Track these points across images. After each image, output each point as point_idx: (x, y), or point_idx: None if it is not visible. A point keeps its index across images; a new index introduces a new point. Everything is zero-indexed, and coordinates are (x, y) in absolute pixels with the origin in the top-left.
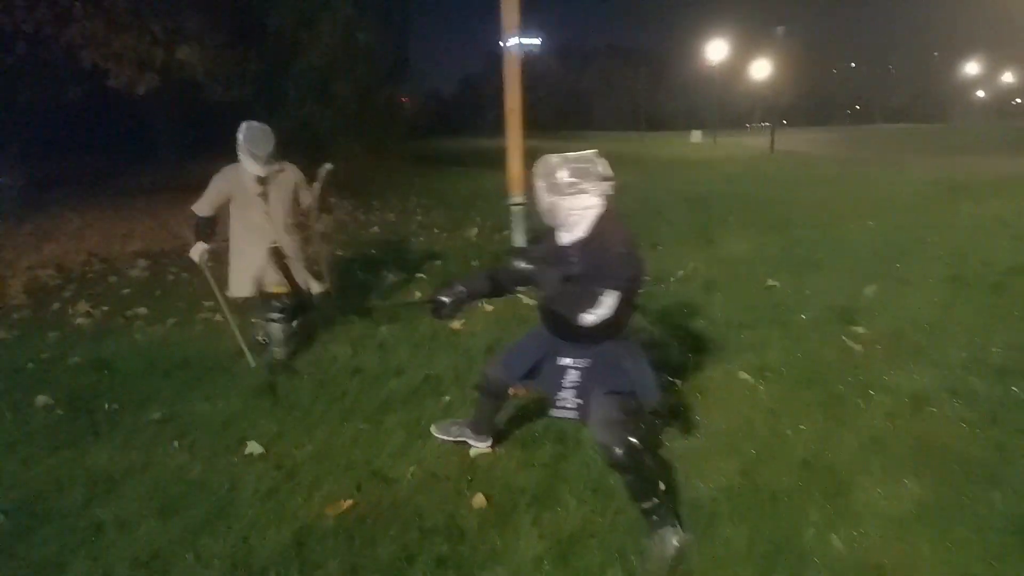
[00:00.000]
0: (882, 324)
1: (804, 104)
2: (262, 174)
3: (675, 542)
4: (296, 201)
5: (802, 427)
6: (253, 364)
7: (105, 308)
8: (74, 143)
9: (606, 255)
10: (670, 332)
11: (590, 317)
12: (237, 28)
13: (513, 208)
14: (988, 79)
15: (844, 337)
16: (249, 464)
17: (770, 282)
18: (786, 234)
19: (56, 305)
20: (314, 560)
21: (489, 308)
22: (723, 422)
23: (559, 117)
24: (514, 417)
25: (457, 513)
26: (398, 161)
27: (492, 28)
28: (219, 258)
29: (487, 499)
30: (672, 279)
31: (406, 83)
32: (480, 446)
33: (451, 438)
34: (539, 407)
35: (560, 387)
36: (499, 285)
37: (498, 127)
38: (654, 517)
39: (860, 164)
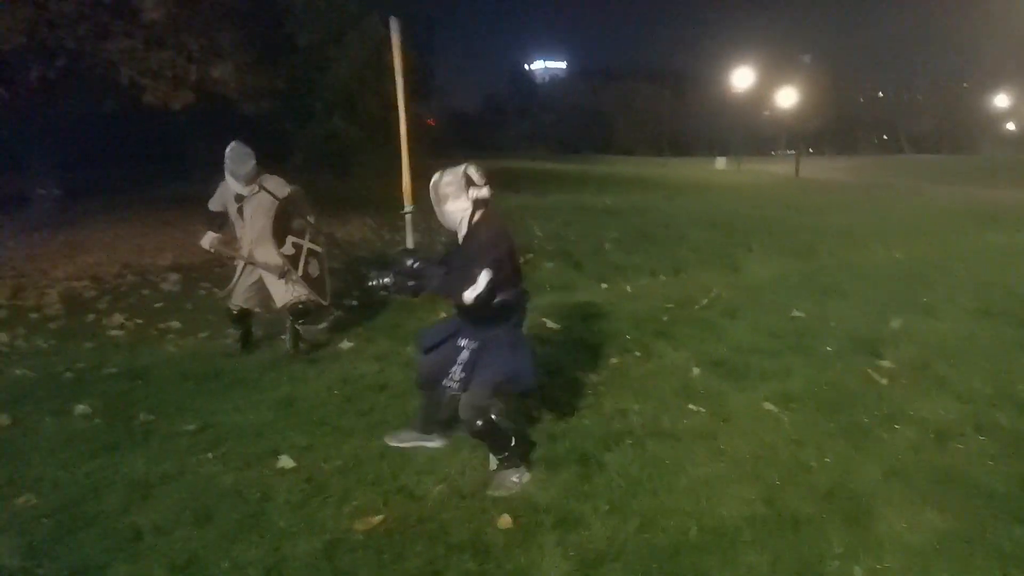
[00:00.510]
0: (907, 355)
1: (830, 132)
2: (242, 192)
3: (515, 479)
4: (278, 219)
5: (825, 457)
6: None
7: (139, 320)
8: (107, 155)
9: (479, 242)
10: (694, 358)
11: (469, 293)
12: (268, 44)
13: (406, 216)
14: (1018, 111)
15: (868, 368)
16: (280, 476)
17: (795, 311)
18: (811, 261)
19: (91, 316)
20: (344, 571)
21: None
22: (747, 449)
23: (582, 139)
24: (538, 439)
25: (483, 531)
26: (423, 178)
27: (516, 49)
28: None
29: (512, 518)
30: (696, 306)
31: (431, 100)
32: (431, 445)
33: (405, 444)
34: (564, 430)
35: (452, 363)
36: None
37: (521, 146)
38: (504, 463)
39: (886, 193)
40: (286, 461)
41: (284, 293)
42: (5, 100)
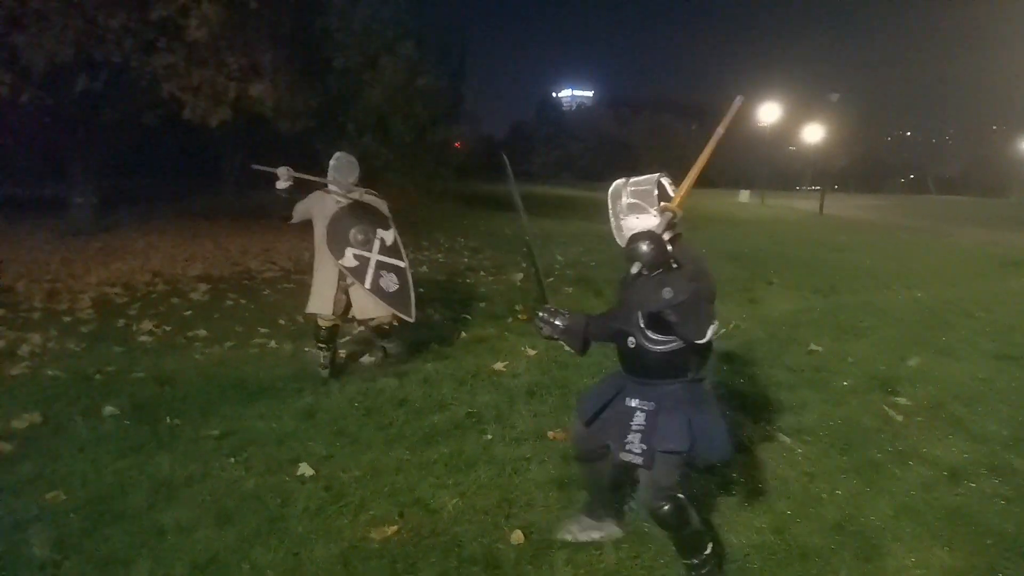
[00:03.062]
0: (923, 395)
1: (856, 170)
2: (341, 201)
3: None
4: (331, 229)
5: (837, 491)
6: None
7: (167, 328)
8: (144, 166)
9: (687, 271)
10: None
11: (711, 331)
12: (306, 65)
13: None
14: None
15: (884, 406)
16: (300, 483)
17: (813, 346)
18: (831, 298)
19: (121, 322)
20: None
21: (532, 352)
22: (759, 480)
23: (607, 168)
24: (552, 459)
25: (495, 546)
26: (448, 201)
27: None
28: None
29: (524, 535)
30: (714, 337)
31: (460, 126)
32: (603, 535)
33: (582, 537)
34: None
35: (629, 429)
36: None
37: (547, 173)
38: (696, 571)
39: (910, 232)
40: (306, 469)
41: (368, 307)
42: (51, 109)
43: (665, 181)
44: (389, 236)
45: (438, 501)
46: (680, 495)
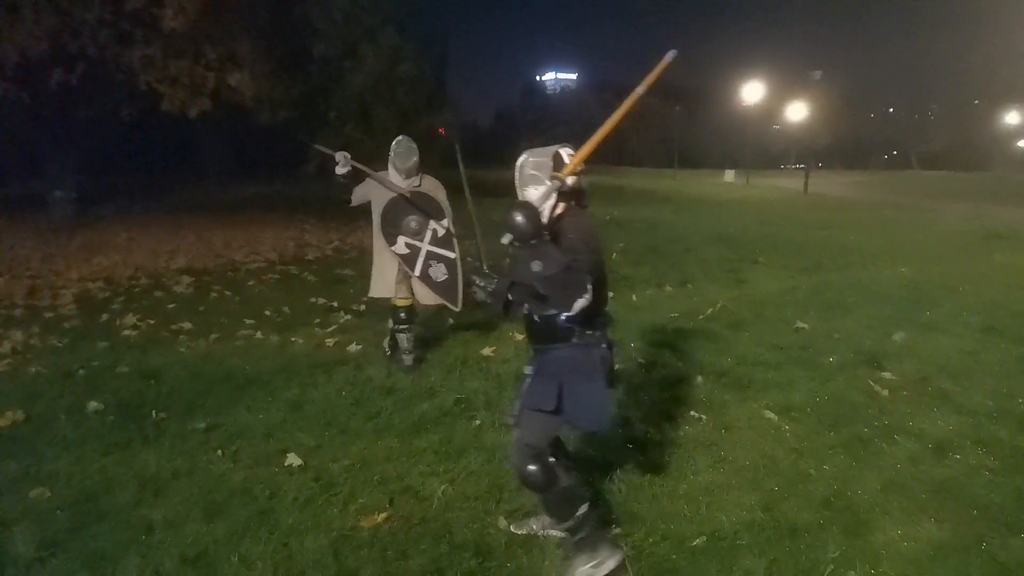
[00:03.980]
0: (910, 370)
1: (840, 147)
2: (401, 186)
3: (588, 568)
4: (385, 216)
5: (825, 466)
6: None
7: (151, 321)
8: (124, 160)
9: (567, 240)
10: (697, 368)
11: (582, 302)
12: (285, 55)
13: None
14: None
15: (871, 381)
16: (288, 474)
17: (799, 323)
18: (816, 276)
19: (105, 316)
20: (349, 567)
21: (520, 337)
22: (747, 458)
23: (594, 151)
24: None
25: (486, 531)
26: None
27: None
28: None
29: (515, 520)
30: (701, 316)
31: (443, 113)
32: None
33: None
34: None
35: (518, 396)
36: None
37: None
38: (572, 540)
39: (895, 209)
40: (294, 460)
41: (423, 294)
42: (26, 104)
43: (564, 152)
44: (442, 227)
45: (428, 489)
46: (548, 455)
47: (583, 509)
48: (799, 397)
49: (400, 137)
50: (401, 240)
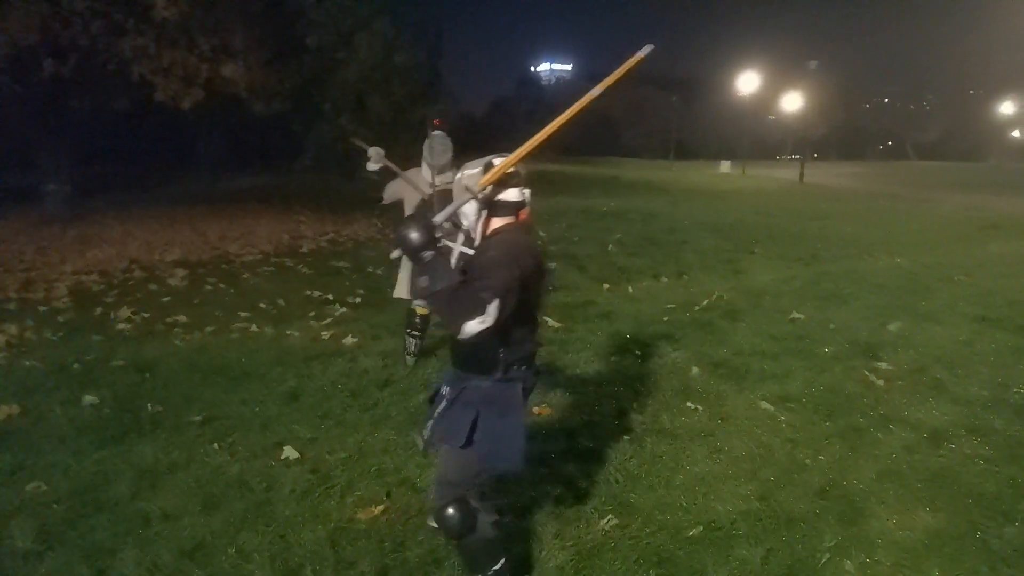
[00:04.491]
0: (905, 360)
1: (835, 138)
2: (434, 182)
3: None
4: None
5: (821, 456)
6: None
7: (146, 314)
8: (118, 151)
9: (487, 258)
10: (694, 359)
11: (475, 325)
12: (279, 45)
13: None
14: None
15: (866, 371)
16: (285, 466)
17: (795, 314)
18: (813, 267)
19: (99, 310)
20: (347, 559)
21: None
22: (743, 448)
23: (588, 142)
24: (538, 435)
25: None
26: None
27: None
28: None
29: (512, 511)
30: (697, 307)
31: (439, 103)
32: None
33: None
34: (563, 426)
35: (430, 416)
36: None
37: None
38: None
39: (890, 199)
40: (291, 452)
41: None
42: (18, 96)
43: (497, 161)
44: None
45: (425, 480)
46: (468, 499)
47: (501, 563)
48: (795, 387)
49: (435, 132)
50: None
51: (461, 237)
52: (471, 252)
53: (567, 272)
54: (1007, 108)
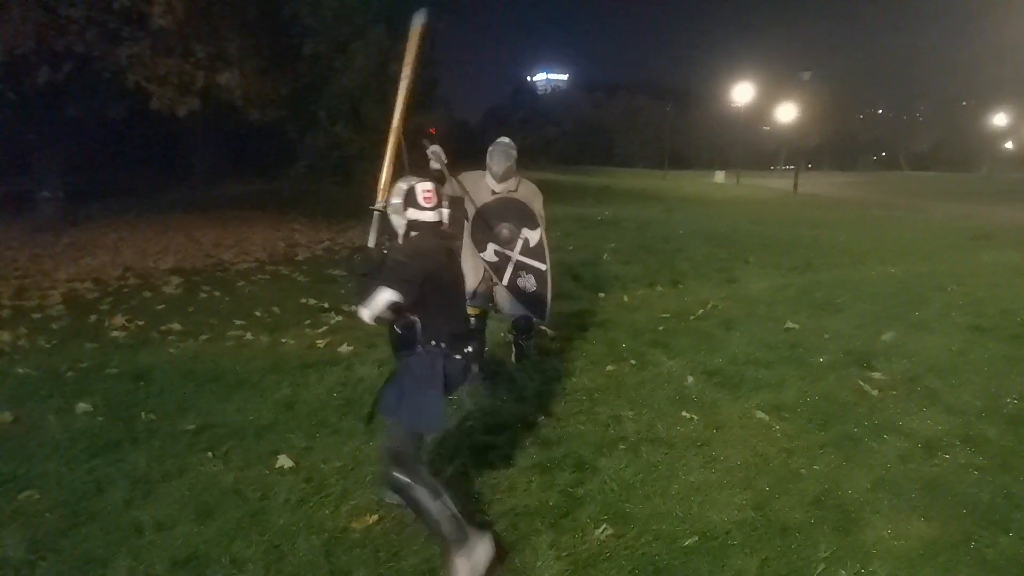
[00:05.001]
0: (899, 369)
1: (829, 148)
2: (495, 189)
3: (462, 565)
4: (475, 223)
5: (815, 465)
6: None
7: (140, 322)
8: (112, 159)
9: (390, 259)
10: (689, 368)
11: (364, 311)
12: (275, 53)
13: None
14: (1016, 130)
15: (860, 380)
16: (280, 475)
17: (789, 323)
18: (807, 276)
19: (93, 317)
20: (342, 569)
21: (512, 337)
22: (738, 457)
23: (583, 151)
24: (533, 443)
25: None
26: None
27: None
28: None
29: (507, 520)
30: (692, 316)
31: (434, 111)
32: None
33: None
34: (559, 435)
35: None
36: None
37: (523, 158)
38: (442, 540)
39: (884, 209)
40: (286, 461)
41: (504, 304)
42: (13, 103)
43: (419, 186)
44: (534, 236)
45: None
46: (410, 462)
47: (438, 508)
48: (790, 396)
49: (500, 139)
50: (491, 247)
51: (519, 244)
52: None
53: (562, 281)
54: (999, 119)
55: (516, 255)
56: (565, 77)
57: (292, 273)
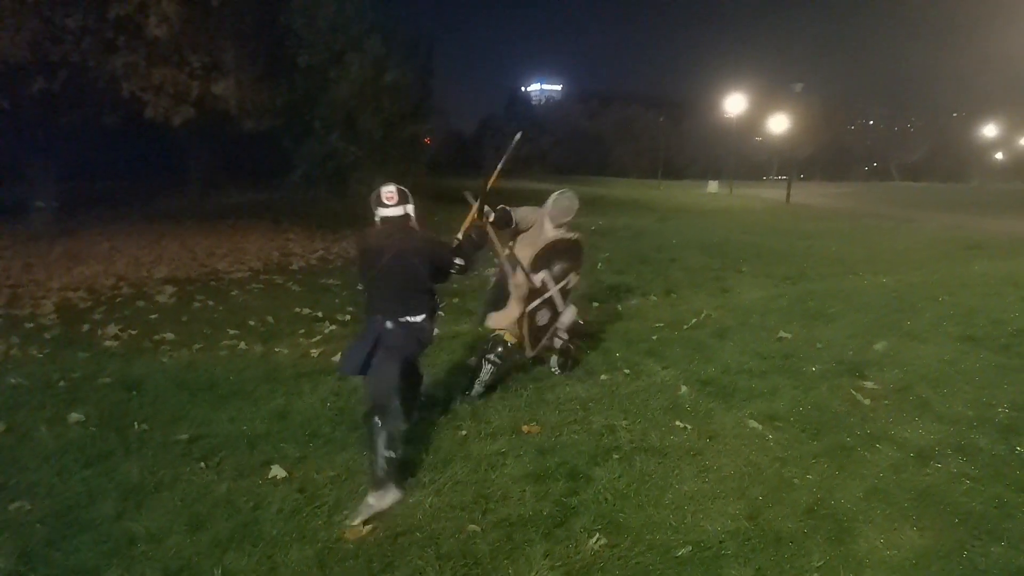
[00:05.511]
0: (891, 378)
1: (821, 158)
2: (560, 231)
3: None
4: (547, 252)
5: (808, 475)
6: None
7: (133, 331)
8: (106, 168)
9: None
10: (682, 377)
11: None
12: (270, 63)
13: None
14: (1007, 141)
15: (853, 390)
16: (273, 485)
17: (782, 333)
18: (799, 285)
19: (86, 327)
20: None
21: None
22: (732, 467)
23: (577, 161)
24: (527, 453)
25: (471, 541)
26: (419, 197)
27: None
28: None
29: (501, 530)
30: (686, 325)
31: (429, 121)
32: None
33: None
34: (553, 444)
35: None
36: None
37: (517, 167)
38: (375, 475)
39: (875, 219)
40: (279, 471)
41: (500, 320)
42: (7, 111)
43: (377, 194)
44: (573, 281)
45: (413, 498)
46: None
47: (392, 453)
48: (783, 406)
49: (570, 192)
50: (541, 275)
51: (562, 283)
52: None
53: None
54: (990, 131)
55: (554, 290)
56: (559, 87)
57: (286, 282)
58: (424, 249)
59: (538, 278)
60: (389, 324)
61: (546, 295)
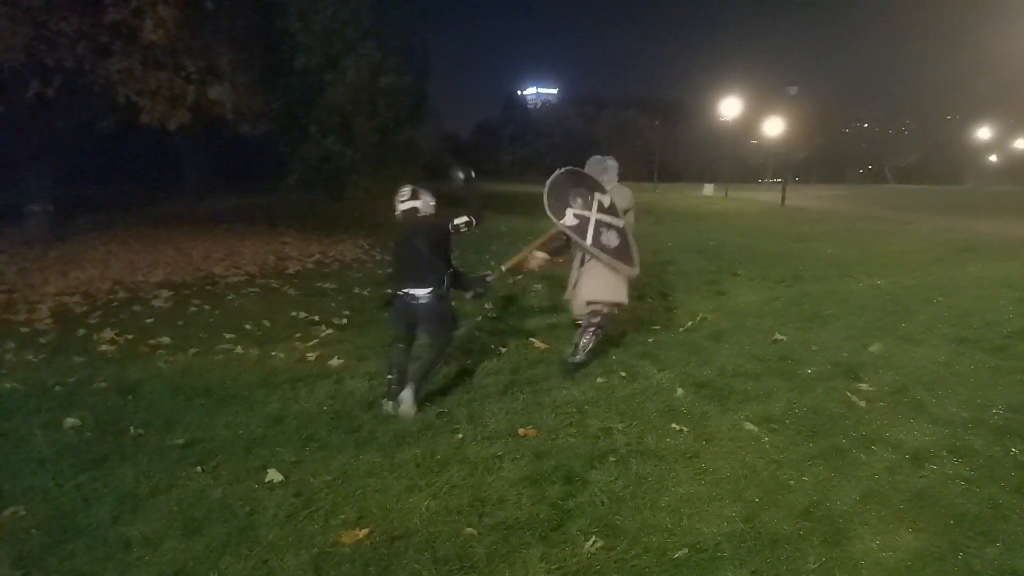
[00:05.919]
0: (886, 381)
1: (816, 161)
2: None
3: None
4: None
5: (804, 477)
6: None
7: (129, 336)
8: (102, 172)
9: None
10: (678, 380)
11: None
12: (266, 67)
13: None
14: (1001, 143)
15: (848, 392)
16: (269, 490)
17: (777, 335)
18: (795, 288)
19: (81, 331)
20: None
21: (503, 350)
22: (728, 469)
23: (574, 164)
24: (524, 456)
25: (468, 545)
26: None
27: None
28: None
29: (497, 533)
30: (681, 328)
31: (425, 125)
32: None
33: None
34: (549, 447)
35: None
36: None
37: (514, 171)
38: (414, 385)
39: (870, 222)
40: (275, 475)
41: (592, 288)
42: (2, 116)
43: (398, 192)
44: (606, 199)
45: (410, 502)
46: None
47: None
48: (778, 408)
49: (595, 156)
50: (569, 212)
51: (595, 206)
52: (619, 222)
53: (551, 293)
54: (984, 133)
55: (594, 214)
56: (555, 91)
57: (283, 286)
58: (422, 231)
59: (570, 217)
60: (400, 292)
61: (590, 223)
